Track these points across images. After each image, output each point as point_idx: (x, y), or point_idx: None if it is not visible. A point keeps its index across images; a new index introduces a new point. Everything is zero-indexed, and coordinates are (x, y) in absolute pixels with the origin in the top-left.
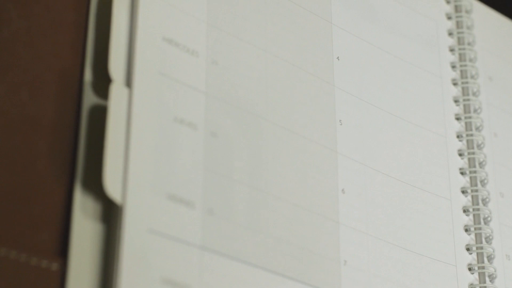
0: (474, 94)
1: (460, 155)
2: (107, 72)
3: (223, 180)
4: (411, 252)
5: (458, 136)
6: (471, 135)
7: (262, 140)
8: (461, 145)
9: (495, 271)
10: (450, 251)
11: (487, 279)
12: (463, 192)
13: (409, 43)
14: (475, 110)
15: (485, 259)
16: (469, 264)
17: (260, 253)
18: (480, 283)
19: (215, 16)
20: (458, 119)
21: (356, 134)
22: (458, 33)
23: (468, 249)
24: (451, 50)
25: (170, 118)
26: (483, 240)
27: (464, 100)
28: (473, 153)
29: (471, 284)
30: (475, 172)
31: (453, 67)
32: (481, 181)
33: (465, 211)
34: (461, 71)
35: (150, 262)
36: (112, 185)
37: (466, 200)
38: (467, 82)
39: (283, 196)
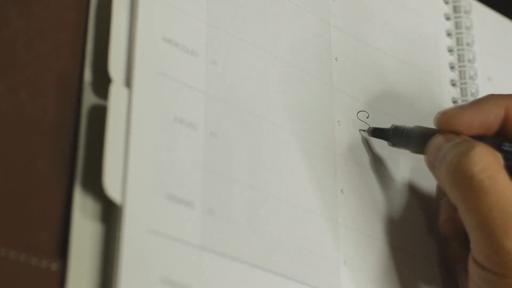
0: (472, 95)
1: None
2: (107, 72)
3: (223, 180)
4: (411, 253)
5: None
6: None
7: (262, 140)
8: None
9: None
10: None
11: None
12: None
13: (408, 44)
14: None
15: None
16: None
17: (259, 253)
18: None
19: (215, 16)
20: None
21: (354, 134)
22: (457, 33)
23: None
24: (450, 50)
25: (170, 118)
26: None
27: (463, 101)
28: None
29: None
30: None
31: (452, 67)
32: None
33: None
34: (460, 71)
35: (149, 262)
36: (111, 185)
37: None
38: (465, 83)
39: (282, 196)
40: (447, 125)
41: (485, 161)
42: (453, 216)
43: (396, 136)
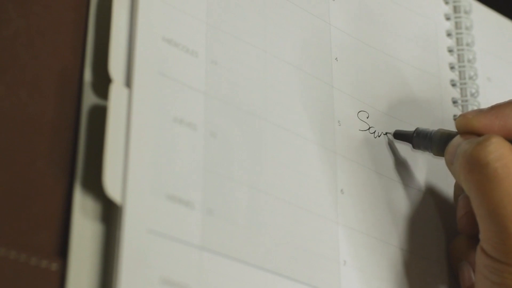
0: (472, 95)
1: None
2: (107, 72)
3: (222, 180)
4: (411, 252)
5: None
6: None
7: (262, 140)
8: None
9: None
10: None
11: None
12: None
13: (408, 44)
14: None
15: None
16: None
17: (259, 253)
18: None
19: (214, 16)
20: None
21: (354, 134)
22: (457, 33)
23: None
24: (450, 51)
25: (169, 118)
26: None
27: (462, 101)
28: None
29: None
30: None
31: (452, 68)
32: None
33: None
34: (460, 72)
35: (149, 262)
36: (112, 185)
37: None
38: (465, 83)
39: (282, 197)
40: (467, 128)
41: (501, 151)
42: (469, 211)
43: (419, 139)
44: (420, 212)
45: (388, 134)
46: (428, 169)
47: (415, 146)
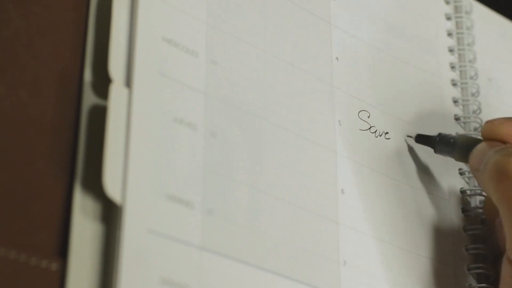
0: (473, 95)
1: None
2: (107, 72)
3: (222, 180)
4: (411, 252)
5: None
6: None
7: (262, 140)
8: None
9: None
10: (450, 251)
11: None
12: (462, 192)
13: (408, 44)
14: (474, 111)
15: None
16: (468, 265)
17: (259, 253)
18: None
19: (215, 16)
20: (457, 119)
21: (355, 134)
22: (458, 33)
23: (467, 250)
24: (451, 50)
25: (169, 118)
26: (480, 240)
27: (463, 100)
28: None
29: (470, 285)
30: None
31: (453, 67)
32: None
33: (464, 211)
34: (461, 71)
35: (149, 262)
36: (112, 185)
37: (465, 201)
38: (466, 83)
39: (282, 197)
40: (492, 134)
41: None
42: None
43: (442, 144)
44: (421, 212)
45: (408, 137)
46: (429, 169)
47: (437, 151)
